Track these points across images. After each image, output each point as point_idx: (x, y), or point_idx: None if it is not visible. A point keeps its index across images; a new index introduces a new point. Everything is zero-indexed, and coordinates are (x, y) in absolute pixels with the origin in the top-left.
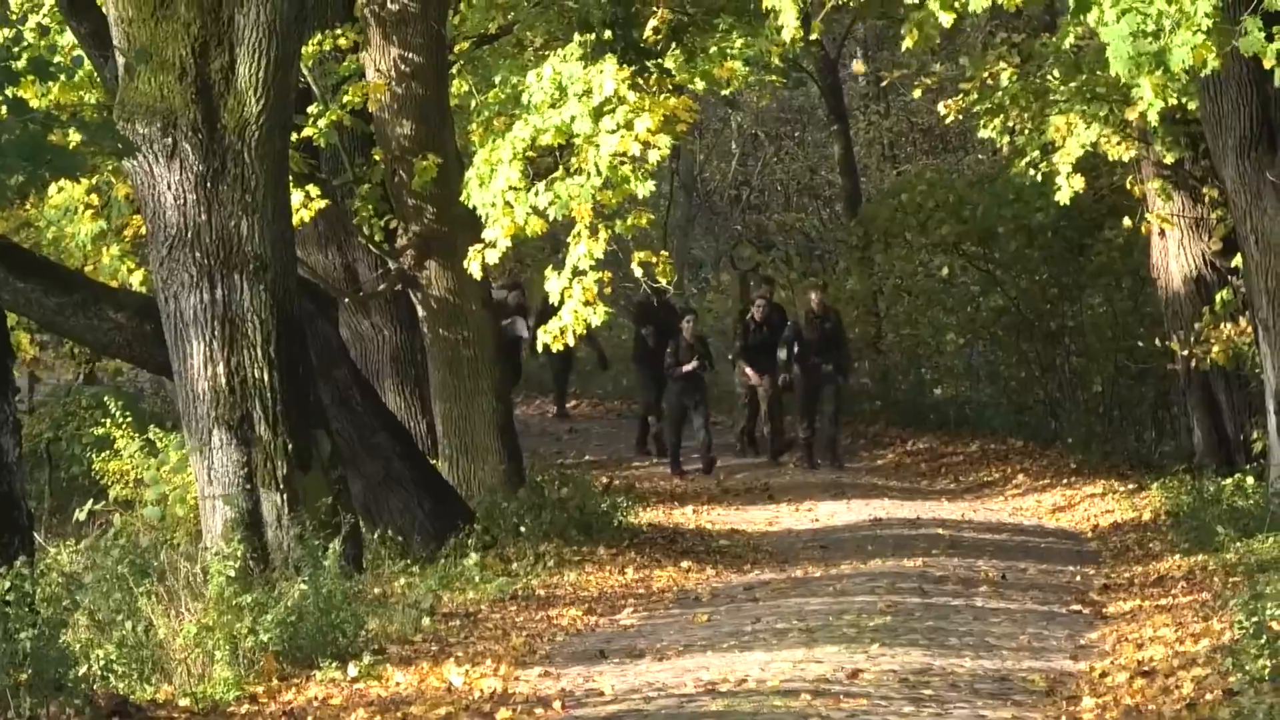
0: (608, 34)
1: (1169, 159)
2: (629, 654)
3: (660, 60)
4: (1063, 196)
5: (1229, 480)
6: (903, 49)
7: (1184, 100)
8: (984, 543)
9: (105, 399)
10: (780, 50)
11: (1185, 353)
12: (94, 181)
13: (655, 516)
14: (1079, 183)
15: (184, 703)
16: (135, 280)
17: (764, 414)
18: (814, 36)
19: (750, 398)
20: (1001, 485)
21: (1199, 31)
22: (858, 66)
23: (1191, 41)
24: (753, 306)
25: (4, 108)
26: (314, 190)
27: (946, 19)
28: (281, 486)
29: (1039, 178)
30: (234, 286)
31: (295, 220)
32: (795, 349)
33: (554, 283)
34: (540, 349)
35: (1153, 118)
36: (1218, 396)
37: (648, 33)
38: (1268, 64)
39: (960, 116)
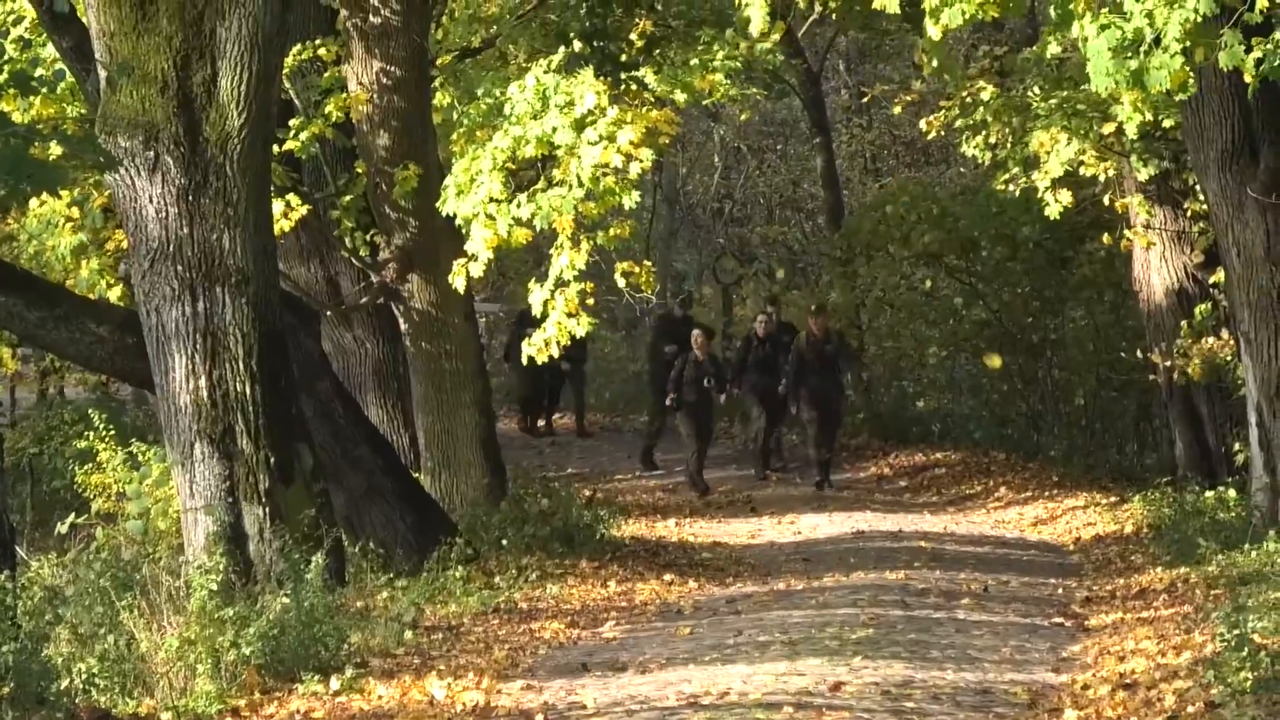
0: (586, 47)
1: (1142, 175)
2: (611, 667)
3: (636, 73)
4: (1051, 212)
5: (1211, 493)
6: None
7: (1161, 117)
8: (966, 555)
9: (89, 412)
10: (758, 42)
11: (1167, 365)
12: (74, 194)
13: (638, 529)
14: (1066, 197)
15: (166, 716)
16: (114, 295)
17: (759, 429)
18: (776, 36)
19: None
20: (983, 498)
21: (1175, 55)
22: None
23: (1169, 65)
24: (755, 323)
25: None
26: (294, 199)
27: (935, 32)
28: (263, 500)
29: (1018, 193)
30: (216, 300)
31: (276, 230)
32: (796, 371)
33: (537, 294)
34: (526, 361)
35: (1131, 132)
36: (1199, 409)
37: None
38: (1247, 76)
39: (942, 132)
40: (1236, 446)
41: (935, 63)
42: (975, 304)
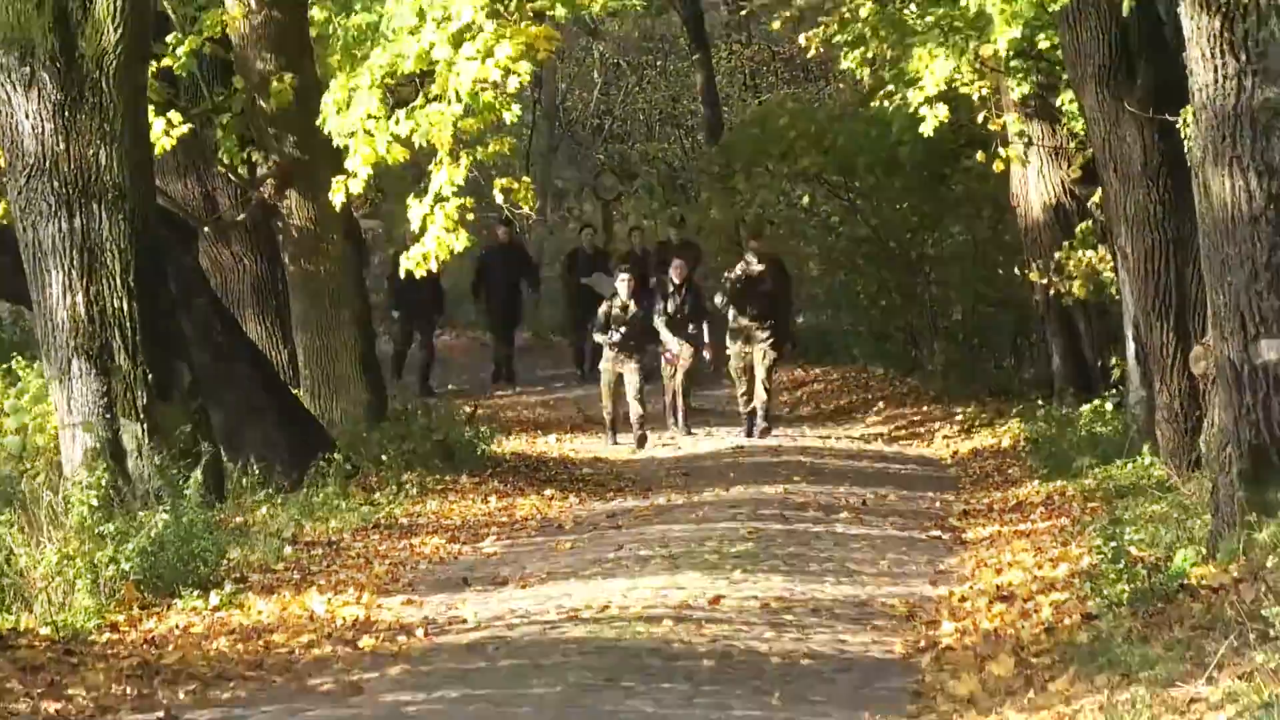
0: None
1: (1017, 93)
2: (492, 581)
3: None
4: (927, 128)
5: (1087, 407)
6: None
7: (1036, 36)
8: (845, 470)
9: None
10: None
11: (1044, 282)
12: None
13: (519, 445)
14: (943, 112)
15: (45, 631)
16: None
17: (677, 385)
18: None
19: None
20: (862, 413)
21: None
22: None
23: None
24: (671, 269)
25: None
26: (176, 118)
27: None
28: (141, 416)
29: (890, 109)
30: (92, 215)
31: (158, 149)
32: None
33: (416, 210)
34: (404, 275)
35: (1005, 48)
36: (1076, 324)
37: None
38: None
39: (822, 49)
40: (1113, 360)
41: None
42: (854, 220)
